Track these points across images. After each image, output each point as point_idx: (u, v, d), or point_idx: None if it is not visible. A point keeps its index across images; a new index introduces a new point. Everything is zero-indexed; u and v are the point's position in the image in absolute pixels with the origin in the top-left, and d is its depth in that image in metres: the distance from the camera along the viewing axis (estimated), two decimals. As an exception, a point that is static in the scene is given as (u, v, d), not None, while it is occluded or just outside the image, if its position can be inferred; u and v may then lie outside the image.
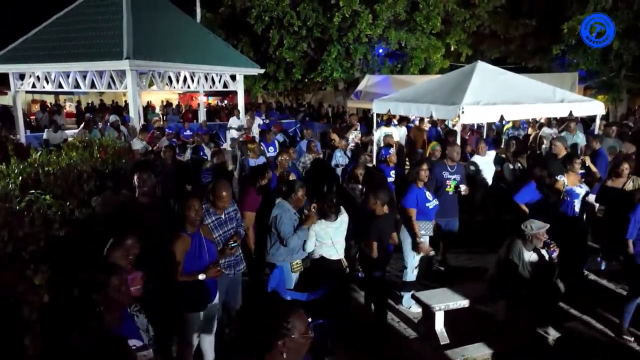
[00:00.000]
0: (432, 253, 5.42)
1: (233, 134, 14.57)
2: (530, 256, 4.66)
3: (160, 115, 20.00)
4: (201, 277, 3.69)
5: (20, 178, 4.47)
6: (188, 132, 16.96)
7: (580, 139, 9.65)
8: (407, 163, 13.41)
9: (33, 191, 4.09)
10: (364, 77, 16.62)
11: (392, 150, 7.30)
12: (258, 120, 16.37)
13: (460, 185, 6.26)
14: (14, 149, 5.87)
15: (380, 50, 16.56)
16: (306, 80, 19.67)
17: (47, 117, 20.21)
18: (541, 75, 15.01)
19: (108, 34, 11.10)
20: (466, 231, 7.37)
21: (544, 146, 11.74)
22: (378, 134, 11.20)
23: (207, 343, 4.06)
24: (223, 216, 4.34)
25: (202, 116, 17.91)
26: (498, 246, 6.55)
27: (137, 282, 3.28)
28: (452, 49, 17.19)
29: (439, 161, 6.51)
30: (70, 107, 31.58)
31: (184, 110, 24.36)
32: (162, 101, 27.22)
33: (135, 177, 4.23)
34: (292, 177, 5.43)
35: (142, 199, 4.26)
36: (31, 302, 2.33)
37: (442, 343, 4.67)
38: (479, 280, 5.96)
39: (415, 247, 5.26)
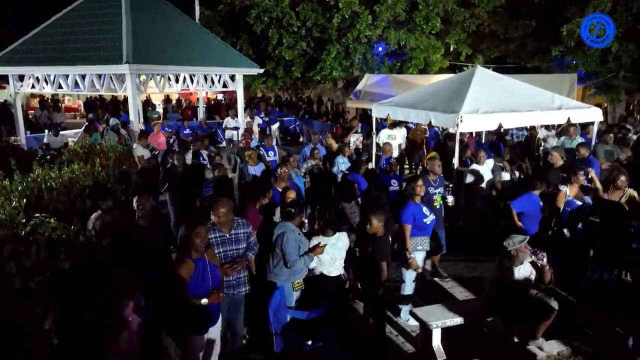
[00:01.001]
0: (419, 270, 5.50)
1: (229, 134, 14.66)
2: (519, 271, 4.71)
3: (161, 113, 20.00)
4: (204, 301, 3.77)
5: (24, 200, 4.51)
6: (187, 131, 16.99)
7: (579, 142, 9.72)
8: (407, 164, 13.51)
9: (38, 215, 4.15)
10: (364, 75, 16.63)
11: (393, 160, 7.36)
12: (257, 120, 16.43)
13: (448, 197, 6.36)
14: (17, 163, 5.91)
15: (380, 49, 16.54)
16: (305, 76, 19.65)
17: (46, 115, 20.26)
18: (540, 76, 15.01)
19: (107, 36, 11.10)
20: (464, 240, 7.46)
21: (541, 148, 11.84)
22: (381, 136, 11.25)
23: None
24: (228, 235, 4.39)
25: (201, 114, 17.93)
26: (496, 255, 6.73)
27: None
28: (452, 48, 17.17)
29: (424, 177, 6.57)
30: (69, 101, 31.53)
31: (183, 106, 24.34)
32: (164, 95, 27.16)
33: (135, 202, 4.30)
34: (292, 194, 5.46)
35: (141, 221, 4.33)
36: (41, 345, 2.41)
37: (439, 359, 4.76)
38: (476, 288, 6.09)
39: (406, 262, 5.35)
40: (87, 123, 14.23)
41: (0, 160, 8.40)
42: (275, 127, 18.64)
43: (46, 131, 11.79)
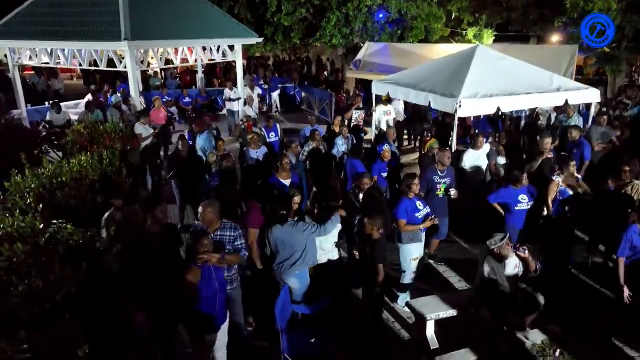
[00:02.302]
0: (417, 261, 5.81)
1: (229, 105, 14.68)
2: (505, 267, 4.98)
3: (162, 80, 19.82)
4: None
5: (40, 204, 4.70)
6: (187, 100, 17.03)
7: (576, 121, 9.83)
8: (406, 135, 13.63)
9: (55, 221, 4.37)
10: (364, 44, 16.43)
11: (386, 147, 7.48)
12: (258, 90, 16.37)
13: (451, 190, 6.56)
14: (27, 157, 6.06)
15: (381, 15, 16.27)
16: (305, 41, 19.36)
17: (44, 81, 20.13)
18: (541, 47, 14.92)
19: (105, 10, 10.93)
20: (458, 223, 7.71)
21: (540, 122, 11.95)
22: (377, 113, 11.31)
23: (220, 356, 4.53)
24: (212, 235, 4.59)
25: (200, 82, 17.82)
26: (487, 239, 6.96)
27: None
28: (454, 16, 16.89)
29: (430, 166, 6.76)
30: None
31: (179, 71, 24.05)
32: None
33: (150, 217, 4.52)
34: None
35: (153, 228, 4.56)
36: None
37: (432, 348, 5.14)
38: (468, 271, 6.40)
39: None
40: (88, 98, 14.15)
41: (5, 142, 8.60)
42: (275, 94, 18.60)
43: (49, 112, 11.79)
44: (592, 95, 9.26)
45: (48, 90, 20.29)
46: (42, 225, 4.37)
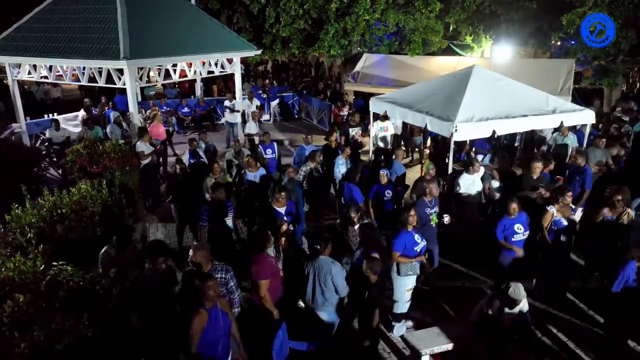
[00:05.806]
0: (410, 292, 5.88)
1: (229, 117, 14.74)
2: (508, 310, 5.07)
3: (160, 88, 19.83)
4: None
5: (41, 247, 4.77)
6: (186, 110, 17.10)
7: (571, 140, 9.91)
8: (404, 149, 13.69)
9: (55, 263, 4.44)
10: (362, 54, 16.51)
11: (382, 172, 7.56)
12: (256, 102, 16.43)
13: (444, 217, 6.65)
14: (27, 188, 6.12)
15: (379, 27, 16.35)
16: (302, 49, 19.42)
17: (43, 90, 20.19)
18: (539, 61, 15.00)
19: (104, 27, 10.96)
20: (450, 249, 7.73)
21: (536, 137, 12.03)
22: (374, 128, 11.38)
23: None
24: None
25: (198, 90, 17.85)
26: (482, 263, 7.12)
27: None
28: (451, 28, 16.95)
29: (420, 199, 6.82)
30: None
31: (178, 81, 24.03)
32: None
33: (149, 262, 4.59)
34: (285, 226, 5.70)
35: (149, 272, 4.64)
36: None
37: (427, 381, 5.23)
38: (461, 298, 6.56)
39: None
40: (81, 114, 14.19)
41: (6, 162, 8.66)
42: (274, 103, 18.67)
43: (48, 129, 11.85)
44: (586, 117, 9.35)
45: (46, 97, 20.37)
46: (42, 267, 4.45)
